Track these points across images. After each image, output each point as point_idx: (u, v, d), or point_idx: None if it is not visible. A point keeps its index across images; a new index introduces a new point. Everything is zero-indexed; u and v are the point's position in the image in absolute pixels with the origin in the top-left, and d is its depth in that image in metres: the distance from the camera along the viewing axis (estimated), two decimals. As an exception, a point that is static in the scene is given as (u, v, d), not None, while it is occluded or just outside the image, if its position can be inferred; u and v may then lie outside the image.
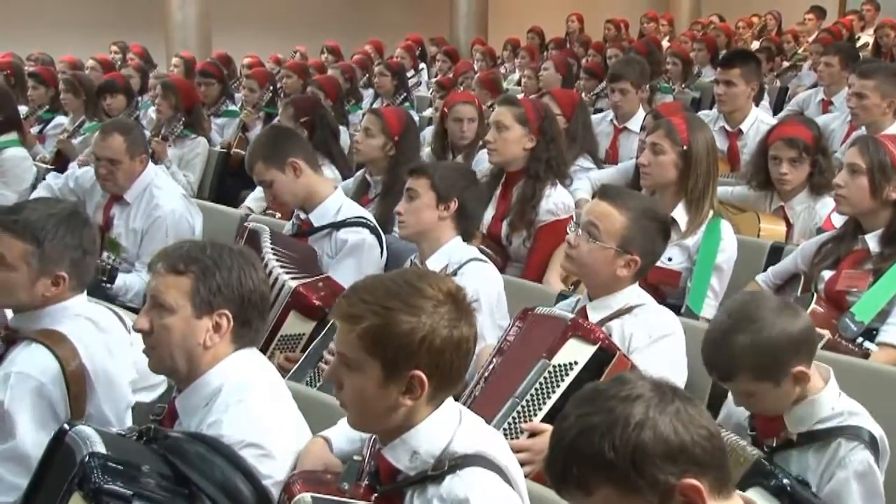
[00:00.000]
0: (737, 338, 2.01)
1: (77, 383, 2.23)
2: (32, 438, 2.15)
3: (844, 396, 2.12)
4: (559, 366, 2.27)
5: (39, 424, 2.17)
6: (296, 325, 3.04)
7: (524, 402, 2.25)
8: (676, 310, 2.89)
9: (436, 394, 1.70)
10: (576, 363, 2.25)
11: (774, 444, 2.10)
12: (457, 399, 2.33)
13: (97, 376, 2.28)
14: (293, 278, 3.08)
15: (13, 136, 5.10)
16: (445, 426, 1.72)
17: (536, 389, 2.25)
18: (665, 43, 10.42)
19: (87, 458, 1.71)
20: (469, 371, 2.41)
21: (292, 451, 1.93)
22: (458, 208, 3.00)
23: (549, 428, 2.11)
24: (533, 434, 2.21)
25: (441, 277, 1.77)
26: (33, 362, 2.21)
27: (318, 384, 2.76)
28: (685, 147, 3.31)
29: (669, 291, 3.25)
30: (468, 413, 1.79)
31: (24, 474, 2.05)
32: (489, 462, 1.70)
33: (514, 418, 2.23)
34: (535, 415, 2.23)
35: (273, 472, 1.87)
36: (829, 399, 2.09)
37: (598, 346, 2.27)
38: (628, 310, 2.52)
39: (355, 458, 1.85)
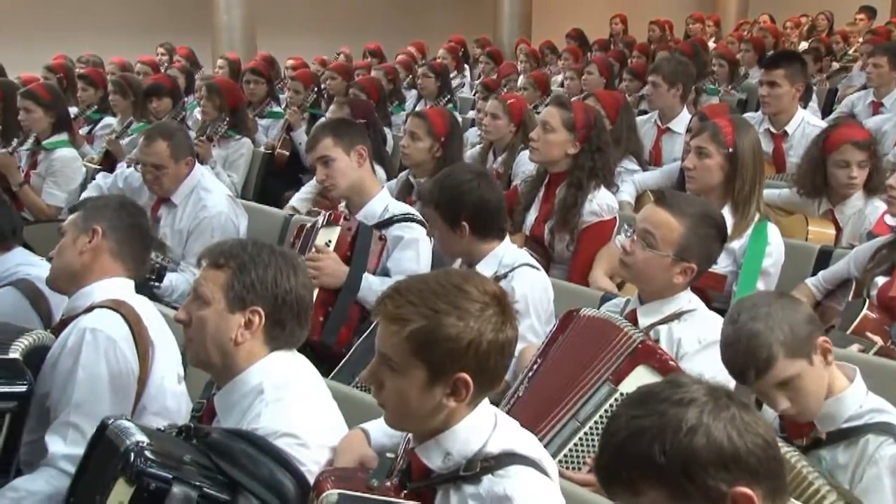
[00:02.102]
0: (756, 326, 1.98)
1: (143, 343, 2.29)
2: (109, 400, 2.21)
3: (872, 395, 2.09)
4: (628, 395, 2.22)
5: (118, 388, 2.23)
6: (323, 235, 3.21)
7: (587, 429, 2.20)
8: (722, 314, 2.84)
9: (477, 395, 1.70)
10: None
11: (804, 444, 2.07)
12: (499, 399, 2.33)
13: (156, 343, 2.34)
14: None
15: (64, 136, 5.20)
16: (480, 430, 1.71)
17: (602, 416, 2.20)
18: (711, 44, 10.31)
19: (130, 445, 1.76)
20: (512, 370, 2.41)
21: (328, 446, 1.93)
22: (472, 225, 2.87)
23: None
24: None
25: (484, 279, 1.76)
26: (103, 321, 2.27)
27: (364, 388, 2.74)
28: (731, 150, 3.28)
29: (715, 295, 3.20)
30: (503, 416, 1.79)
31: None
32: (524, 458, 1.70)
33: (575, 444, 2.19)
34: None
35: (307, 461, 1.88)
36: (857, 397, 2.06)
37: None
38: (678, 315, 2.49)
39: (388, 455, 1.85)
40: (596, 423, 2.20)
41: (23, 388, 2.21)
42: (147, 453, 1.75)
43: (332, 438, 1.96)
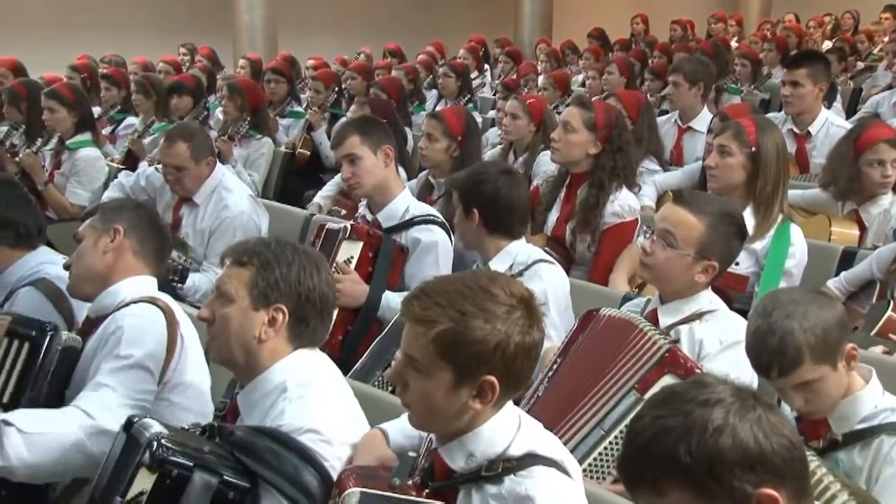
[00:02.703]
0: (791, 324, 1.96)
1: (173, 335, 2.32)
2: (147, 370, 2.24)
3: (889, 395, 2.07)
4: None
5: (154, 361, 2.27)
6: (345, 250, 3.19)
7: (612, 438, 2.19)
8: (743, 315, 2.83)
9: (503, 397, 1.70)
10: None
11: (821, 446, 2.06)
12: (520, 398, 2.33)
13: (186, 338, 2.37)
14: None
15: (87, 136, 5.24)
16: (505, 431, 1.71)
17: (627, 426, 2.19)
18: (733, 43, 10.25)
19: (152, 436, 1.79)
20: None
21: (350, 443, 1.94)
22: (482, 216, 2.91)
23: None
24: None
25: (512, 281, 1.75)
26: (142, 310, 2.31)
27: (388, 388, 2.74)
28: (753, 149, 3.25)
29: (736, 296, 3.18)
30: (526, 417, 1.78)
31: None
32: (547, 459, 1.69)
33: (601, 454, 2.19)
34: None
35: (330, 457, 1.88)
36: (872, 397, 2.04)
37: None
38: (699, 315, 2.48)
39: (410, 454, 1.85)
40: (621, 431, 2.19)
41: (44, 325, 2.27)
42: (167, 442, 1.78)
43: (355, 435, 1.97)
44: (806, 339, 1.95)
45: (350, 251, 3.18)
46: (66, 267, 2.49)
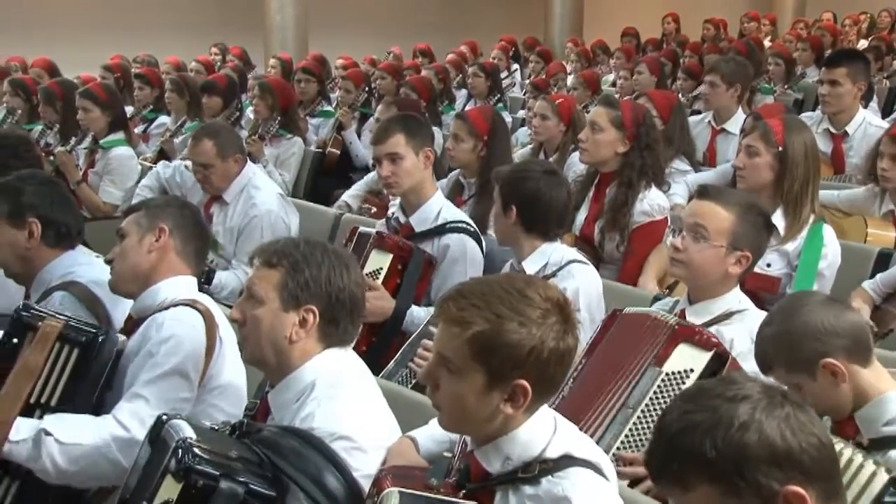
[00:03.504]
0: (767, 329, 2.03)
1: (212, 339, 2.34)
2: (185, 378, 2.27)
3: None
4: (673, 374, 2.21)
5: (193, 368, 2.29)
6: (375, 260, 3.16)
7: (639, 413, 2.19)
8: (776, 317, 2.80)
9: (535, 402, 1.68)
10: (691, 370, 2.20)
11: None
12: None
13: (224, 341, 2.39)
14: None
15: (120, 135, 5.29)
16: (540, 434, 1.70)
17: (651, 399, 2.20)
18: (767, 43, 10.14)
19: (179, 442, 1.78)
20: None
21: (383, 447, 1.94)
22: (520, 214, 2.90)
23: None
24: None
25: (547, 285, 1.73)
26: (183, 314, 2.32)
27: (410, 384, 2.76)
28: (780, 149, 3.22)
29: (768, 298, 3.14)
30: (562, 420, 1.77)
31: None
32: (583, 461, 1.69)
33: (630, 431, 2.19)
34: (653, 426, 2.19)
35: (363, 466, 1.88)
36: None
37: (713, 351, 2.22)
38: (728, 315, 2.46)
39: (445, 454, 1.85)
40: (646, 405, 2.20)
41: (93, 330, 2.28)
42: (195, 450, 1.77)
43: (386, 437, 1.97)
44: (771, 350, 2.02)
45: (379, 262, 3.15)
46: (109, 262, 2.50)
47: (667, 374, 2.21)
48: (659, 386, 2.20)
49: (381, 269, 3.15)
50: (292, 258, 2.01)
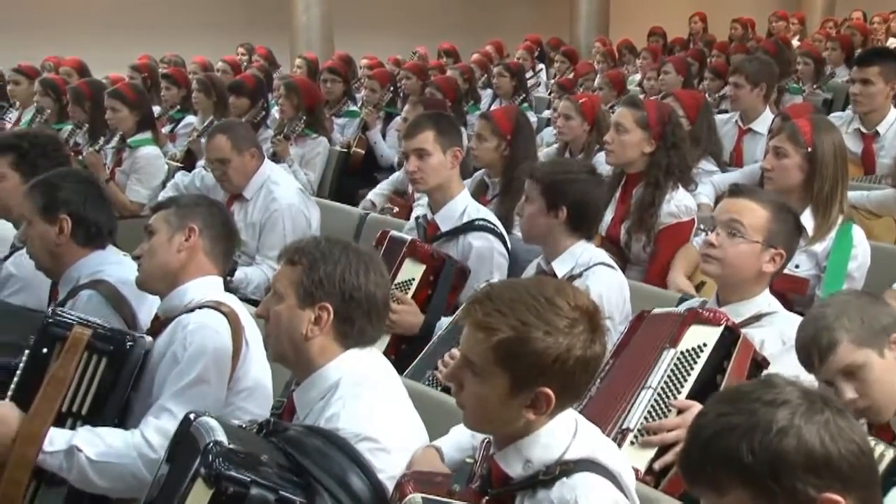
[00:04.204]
0: (824, 310, 1.99)
1: (238, 341, 2.35)
2: (211, 385, 2.28)
3: None
4: (687, 351, 2.23)
5: (219, 374, 2.30)
6: (407, 270, 3.11)
7: (659, 390, 2.21)
8: (805, 319, 2.78)
9: (558, 408, 1.68)
10: (705, 345, 2.22)
11: None
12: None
13: (250, 342, 2.40)
14: None
15: (148, 135, 5.34)
16: (561, 437, 1.69)
17: (670, 377, 2.21)
18: (795, 42, 10.05)
19: (210, 445, 1.78)
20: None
21: (407, 448, 1.94)
22: (570, 214, 2.90)
23: (696, 404, 2.10)
24: (681, 412, 2.16)
25: (577, 292, 1.72)
26: (208, 318, 2.33)
27: (439, 386, 2.73)
28: (809, 149, 3.20)
29: (797, 299, 3.12)
30: (584, 422, 1.77)
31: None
32: (600, 467, 1.68)
33: (653, 406, 2.21)
34: (675, 399, 2.21)
35: (387, 467, 1.88)
36: None
37: (723, 326, 2.23)
38: (758, 317, 2.44)
39: (467, 460, 1.85)
40: (665, 383, 2.22)
41: (120, 337, 2.30)
42: (226, 455, 1.77)
43: (411, 438, 1.97)
44: (840, 323, 1.95)
45: (412, 273, 3.12)
46: (136, 258, 2.51)
47: (681, 353, 2.23)
48: (675, 364, 2.22)
49: (413, 279, 3.11)
50: (311, 256, 2.02)
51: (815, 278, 3.15)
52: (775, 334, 2.40)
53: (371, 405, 1.94)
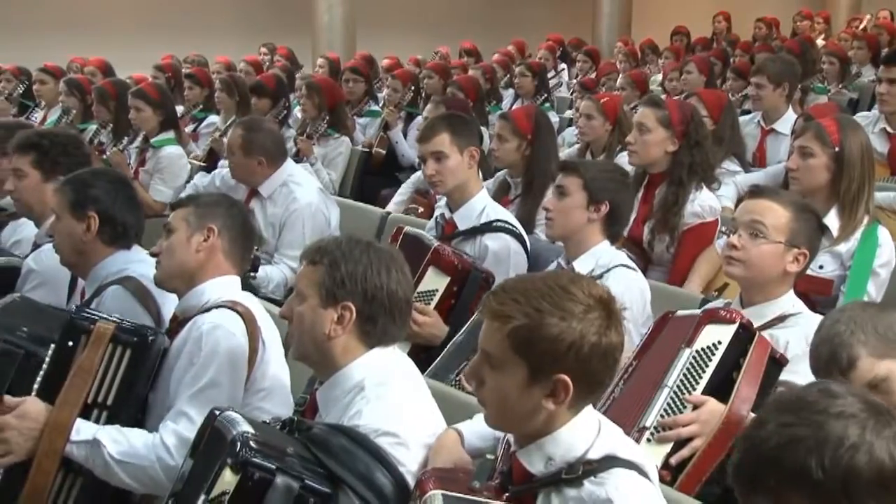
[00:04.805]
0: (841, 326, 1.94)
1: (254, 342, 2.36)
2: (226, 387, 2.29)
3: None
4: (703, 349, 2.24)
5: (233, 376, 2.31)
6: (431, 280, 3.05)
7: (676, 389, 2.22)
8: (828, 320, 2.75)
9: (578, 400, 1.68)
10: (719, 343, 2.23)
11: None
12: (596, 402, 2.32)
13: (268, 342, 2.40)
14: None
15: (171, 134, 5.37)
16: (584, 435, 1.69)
17: (685, 375, 2.23)
18: (820, 41, 9.96)
19: (237, 435, 1.81)
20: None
21: (428, 445, 1.94)
22: (609, 212, 2.94)
23: (711, 399, 2.13)
24: (696, 408, 2.17)
25: (592, 282, 1.74)
26: (222, 319, 2.34)
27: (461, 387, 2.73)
28: (836, 149, 3.17)
29: (821, 300, 3.09)
30: (606, 422, 1.76)
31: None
32: (626, 462, 1.67)
33: (669, 405, 2.22)
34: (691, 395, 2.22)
35: (407, 461, 1.89)
36: None
37: (737, 323, 2.23)
38: (782, 318, 2.43)
39: (488, 456, 1.85)
40: (680, 381, 2.23)
41: (143, 331, 2.34)
42: (252, 443, 1.80)
43: (432, 436, 1.97)
44: (856, 338, 1.91)
45: (435, 284, 3.06)
46: (154, 255, 2.53)
47: (696, 351, 2.24)
48: (691, 362, 2.23)
49: (437, 290, 3.06)
50: (332, 255, 2.02)
51: (840, 279, 3.12)
52: (800, 335, 2.38)
53: (394, 403, 1.95)
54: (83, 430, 2.24)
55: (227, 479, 1.78)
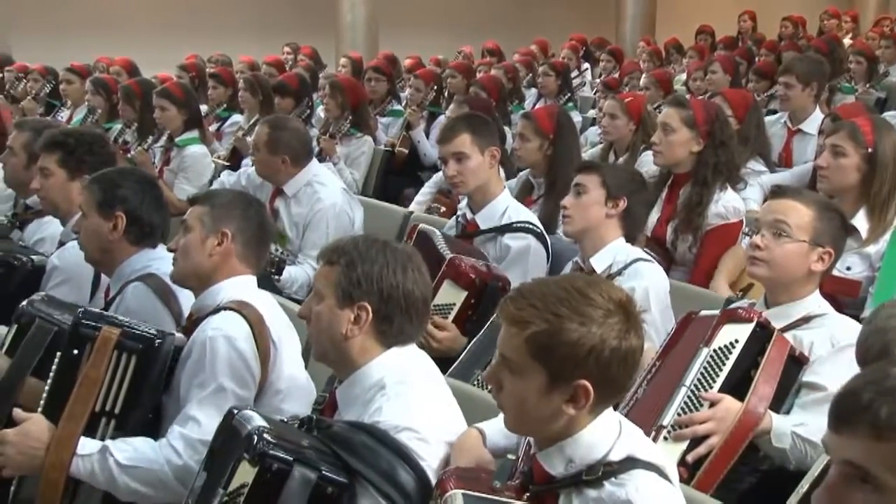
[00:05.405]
0: (893, 321, 1.90)
1: (264, 343, 2.35)
2: (232, 392, 2.28)
3: None
4: (720, 348, 2.25)
5: (238, 381, 2.30)
6: (448, 293, 3.02)
7: (692, 387, 2.22)
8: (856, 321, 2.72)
9: (599, 404, 1.66)
10: (736, 341, 2.23)
11: None
12: (619, 403, 2.31)
13: (280, 343, 2.40)
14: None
15: (195, 134, 5.40)
16: (605, 437, 1.68)
17: (702, 374, 2.23)
18: (847, 40, 9.85)
19: (253, 429, 1.82)
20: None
21: (446, 442, 1.94)
22: (626, 208, 2.95)
23: (727, 397, 2.14)
24: (712, 405, 2.18)
25: (611, 285, 1.72)
26: (225, 323, 2.33)
27: (486, 388, 2.73)
28: (869, 150, 3.13)
29: (847, 302, 3.06)
30: (627, 423, 1.75)
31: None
32: (647, 464, 1.66)
33: (685, 403, 2.22)
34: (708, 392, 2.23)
35: (427, 456, 1.89)
36: None
37: (755, 322, 2.23)
38: (807, 319, 2.41)
39: (509, 457, 1.84)
40: (697, 378, 2.23)
41: (150, 336, 2.31)
42: (268, 436, 1.81)
43: (452, 434, 1.97)
44: None
45: (452, 298, 3.02)
46: (172, 250, 2.54)
47: (714, 350, 2.25)
48: (709, 361, 2.24)
49: (454, 304, 3.02)
50: (349, 256, 2.02)
51: (868, 280, 3.10)
52: (825, 336, 2.36)
53: (414, 400, 1.95)
54: (88, 444, 2.23)
55: (246, 472, 1.79)
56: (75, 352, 2.29)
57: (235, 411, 1.94)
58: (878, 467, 1.25)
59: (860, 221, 3.13)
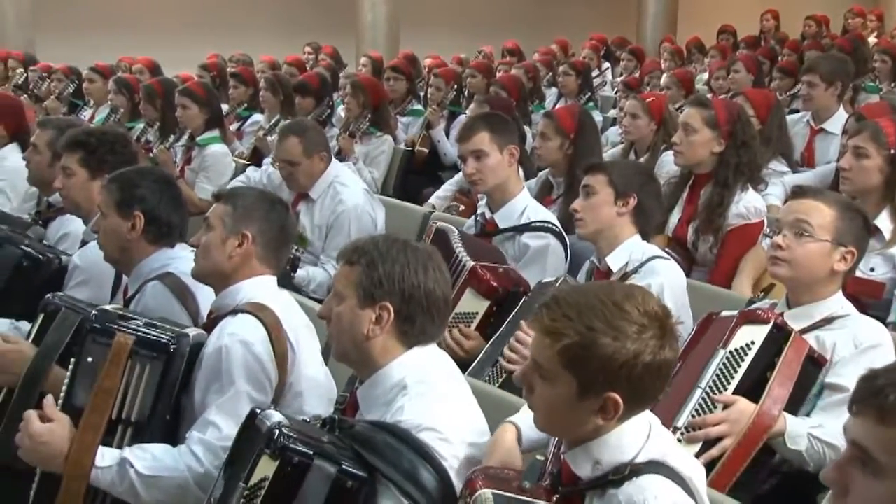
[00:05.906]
0: None
1: (281, 346, 2.35)
2: (250, 397, 2.28)
3: None
4: (736, 349, 2.24)
5: (256, 385, 2.30)
6: (470, 302, 3.01)
7: (707, 389, 2.23)
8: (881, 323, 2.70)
9: (628, 413, 1.66)
10: (752, 343, 2.23)
11: None
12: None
13: (298, 345, 2.39)
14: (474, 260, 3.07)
15: (216, 133, 5.42)
16: (632, 441, 1.67)
17: (717, 375, 2.23)
18: (872, 39, 9.76)
19: (273, 425, 1.84)
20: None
21: (468, 442, 1.94)
22: (637, 205, 2.93)
23: (741, 399, 2.15)
24: (725, 407, 2.18)
25: (647, 296, 1.69)
26: (241, 326, 2.33)
27: (497, 382, 2.73)
28: (892, 151, 3.11)
29: (871, 303, 3.03)
30: (657, 426, 1.74)
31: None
32: (669, 470, 1.65)
33: (700, 405, 2.22)
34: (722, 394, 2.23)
35: (448, 456, 1.88)
36: None
37: (771, 323, 2.22)
38: (830, 320, 2.39)
39: (538, 457, 1.84)
40: (712, 380, 2.23)
41: (164, 341, 2.29)
42: (289, 431, 1.83)
43: (473, 434, 1.96)
44: None
45: (475, 307, 3.02)
46: (194, 246, 2.54)
47: (730, 352, 2.25)
48: (724, 363, 2.24)
49: (478, 313, 3.02)
50: (369, 256, 2.02)
51: (892, 282, 3.09)
52: (847, 337, 2.34)
53: (436, 400, 1.95)
54: (107, 455, 2.22)
55: (267, 466, 1.81)
56: (90, 360, 2.28)
57: (258, 411, 1.94)
58: (879, 450, 1.29)
59: (884, 222, 3.10)
